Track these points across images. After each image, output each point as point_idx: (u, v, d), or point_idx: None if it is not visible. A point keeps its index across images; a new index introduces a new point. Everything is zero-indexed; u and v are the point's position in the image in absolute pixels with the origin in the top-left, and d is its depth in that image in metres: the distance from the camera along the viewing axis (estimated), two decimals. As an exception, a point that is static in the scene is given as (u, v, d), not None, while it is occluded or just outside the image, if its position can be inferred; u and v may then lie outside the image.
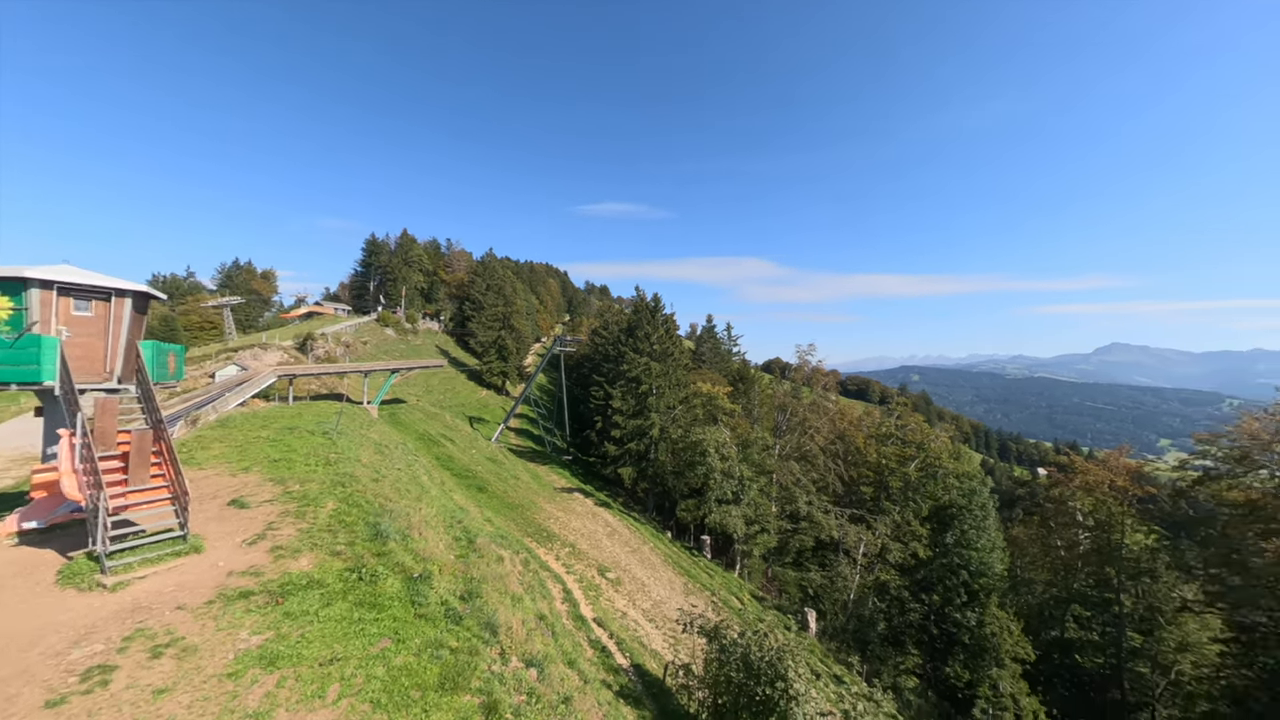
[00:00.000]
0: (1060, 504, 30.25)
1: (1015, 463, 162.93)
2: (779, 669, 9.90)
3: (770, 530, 30.84)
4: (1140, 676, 27.00)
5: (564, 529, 26.91)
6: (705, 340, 69.03)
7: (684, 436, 31.97)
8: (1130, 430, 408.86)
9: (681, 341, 49.89)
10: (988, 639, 24.72)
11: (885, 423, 34.54)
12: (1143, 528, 28.71)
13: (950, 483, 32.94)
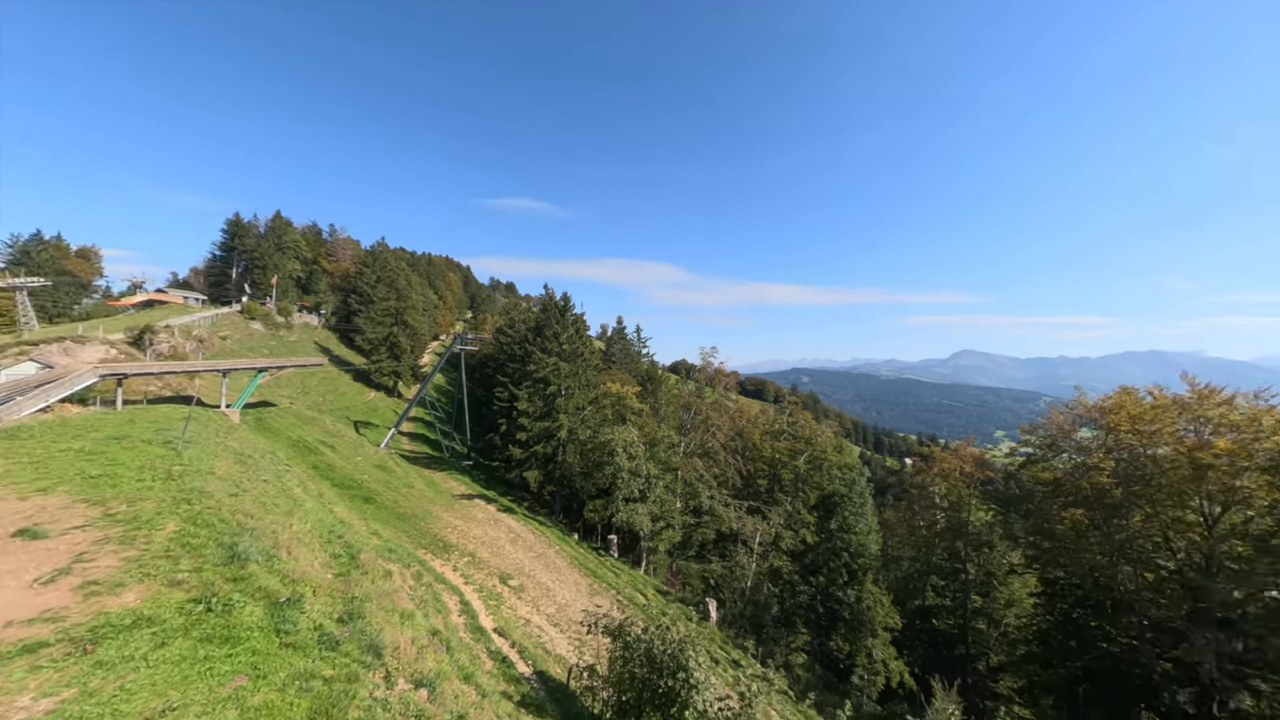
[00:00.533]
0: (922, 489, 34.72)
1: (887, 454, 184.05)
2: (681, 660, 10.13)
3: (675, 525, 31.69)
4: (980, 632, 31.77)
5: (463, 538, 25.45)
6: (615, 341, 69.47)
7: (593, 437, 31.81)
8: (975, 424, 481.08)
9: (592, 342, 49.73)
10: (864, 613, 27.55)
11: (779, 420, 37.22)
12: (984, 506, 33.77)
13: (834, 474, 36.16)
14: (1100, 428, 28.48)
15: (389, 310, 63.71)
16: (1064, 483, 28.83)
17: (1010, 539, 32.12)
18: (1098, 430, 28.78)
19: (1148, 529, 26.21)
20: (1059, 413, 30.68)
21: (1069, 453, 30.00)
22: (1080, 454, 28.95)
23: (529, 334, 44.90)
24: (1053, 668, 27.87)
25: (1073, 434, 29.64)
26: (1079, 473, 28.65)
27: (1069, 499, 28.09)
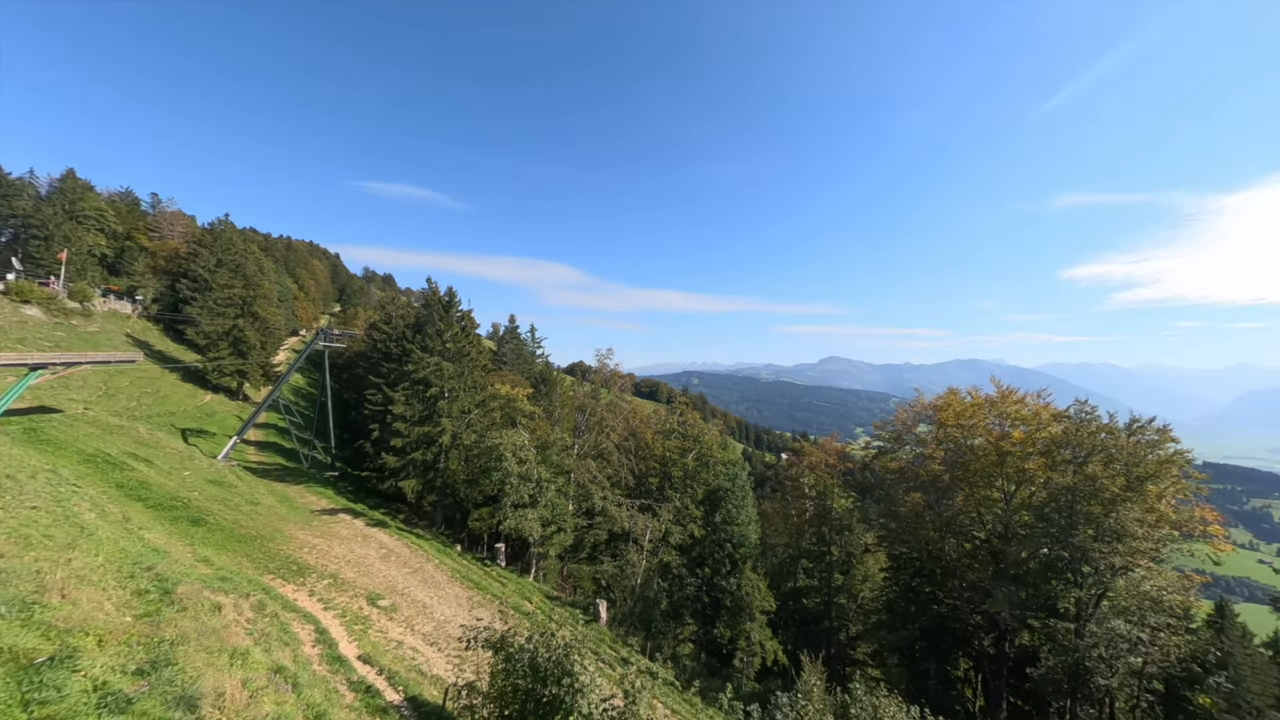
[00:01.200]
0: (795, 481, 38.14)
1: (766, 450, 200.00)
2: (566, 665, 9.80)
3: (567, 529, 31.10)
4: (841, 606, 35.58)
5: (323, 558, 22.46)
6: (508, 341, 66.64)
7: (479, 442, 30.01)
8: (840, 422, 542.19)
9: (481, 341, 47.19)
10: (743, 599, 29.40)
11: (670, 420, 38.49)
12: (845, 494, 37.94)
13: (719, 469, 38.15)
14: (934, 423, 33.49)
15: (233, 299, 54.56)
16: (906, 471, 33.45)
17: (865, 522, 36.47)
18: (932, 425, 33.81)
19: (966, 507, 31.31)
20: (903, 411, 35.56)
21: (910, 445, 34.90)
22: (919, 446, 33.82)
23: (408, 331, 41.22)
24: (897, 631, 32.13)
25: (913, 429, 34.54)
26: (918, 462, 33.48)
27: (910, 484, 32.64)
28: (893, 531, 32.86)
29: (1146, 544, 27.30)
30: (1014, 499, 30.49)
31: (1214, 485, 32.21)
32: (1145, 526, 26.91)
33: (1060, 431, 29.39)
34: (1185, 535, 27.65)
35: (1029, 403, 31.69)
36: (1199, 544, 28.02)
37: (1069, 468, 28.29)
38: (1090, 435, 28.64)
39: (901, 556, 32.96)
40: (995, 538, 30.14)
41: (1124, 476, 27.11)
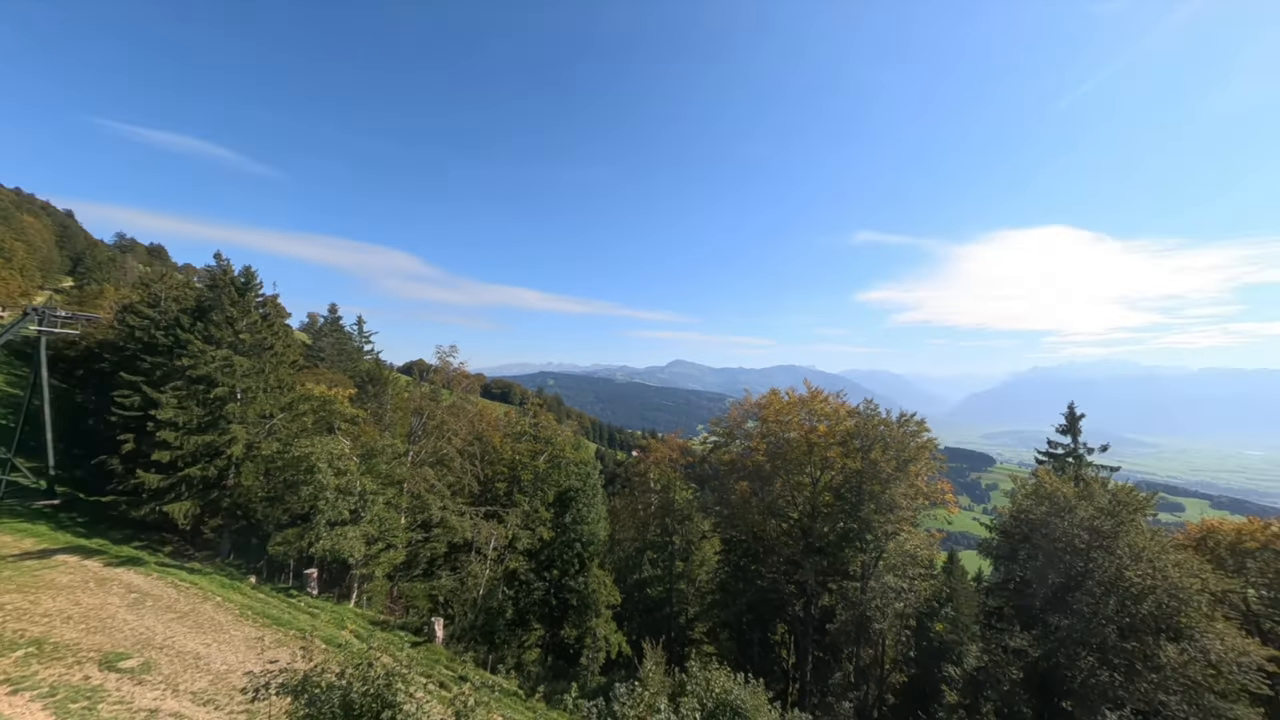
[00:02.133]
0: (642, 476, 39.79)
1: (619, 449, 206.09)
2: (387, 697, 8.63)
3: (398, 544, 27.88)
4: (681, 591, 37.99)
5: (24, 619, 16.63)
6: (328, 334, 57.56)
7: (284, 451, 25.22)
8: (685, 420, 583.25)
9: (291, 334, 39.93)
10: (590, 596, 29.57)
11: (520, 422, 37.14)
12: (686, 486, 40.65)
13: (571, 469, 37.91)
14: (759, 419, 37.73)
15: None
16: (737, 462, 37.12)
17: (703, 510, 39.52)
18: (758, 421, 38.06)
19: (783, 491, 35.83)
20: (735, 409, 39.44)
21: (740, 439, 38.84)
22: (747, 440, 37.80)
23: (185, 317, 32.89)
24: (728, 608, 35.42)
25: (743, 425, 38.52)
26: (746, 454, 37.41)
27: (740, 474, 36.29)
28: (725, 518, 36.23)
29: (908, 512, 34.32)
30: (819, 483, 35.82)
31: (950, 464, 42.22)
32: (908, 499, 33.80)
33: (853, 425, 35.30)
34: (932, 503, 35.33)
35: (831, 401, 37.52)
36: (940, 509, 36.11)
37: (859, 455, 34.16)
38: (874, 427, 34.96)
39: (732, 540, 36.51)
40: (805, 517, 35.07)
41: (895, 460, 33.68)
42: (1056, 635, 26.24)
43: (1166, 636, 24.16)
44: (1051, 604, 27.25)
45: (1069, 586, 26.65)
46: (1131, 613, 24.68)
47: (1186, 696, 23.47)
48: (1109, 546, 25.59)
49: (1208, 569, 26.40)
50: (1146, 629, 24.46)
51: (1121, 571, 24.93)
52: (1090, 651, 24.98)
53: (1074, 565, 26.47)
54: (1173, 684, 23.53)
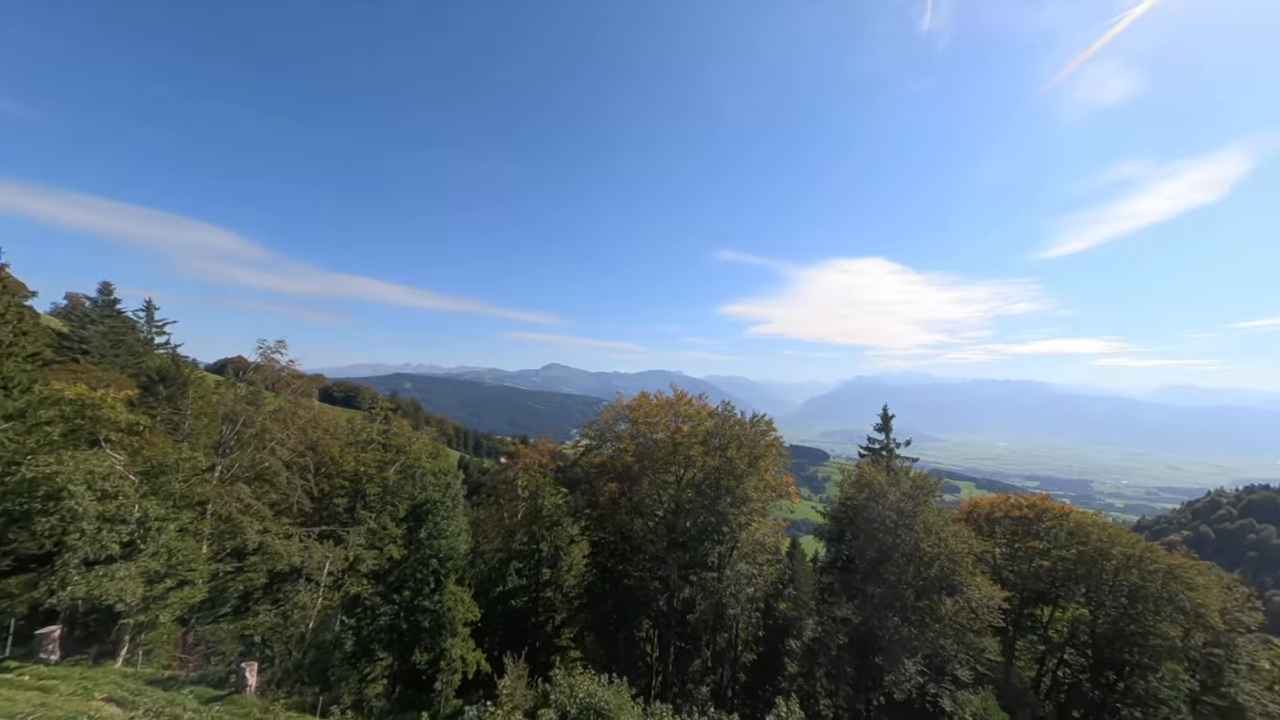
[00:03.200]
0: (510, 483, 38.01)
1: (486, 456, 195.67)
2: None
3: (197, 579, 22.78)
4: (548, 599, 37.02)
5: None
6: (97, 321, 45.30)
7: (10, 472, 19.05)
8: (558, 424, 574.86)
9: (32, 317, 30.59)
10: (445, 615, 27.27)
11: (367, 429, 33.03)
12: (556, 491, 39.78)
13: (428, 480, 34.76)
14: (630, 421, 38.47)
15: None
16: (607, 464, 37.39)
17: (573, 515, 39.05)
18: (629, 423, 38.77)
19: (650, 490, 36.91)
20: (607, 411, 39.72)
21: (611, 441, 39.23)
22: (618, 441, 38.31)
23: None
24: (595, 610, 35.40)
25: (614, 427, 38.96)
26: (616, 455, 37.88)
27: (610, 476, 36.59)
28: (595, 520, 36.24)
29: (759, 504, 37.67)
30: (683, 480, 37.62)
31: (793, 460, 47.55)
32: (758, 492, 37.10)
33: (713, 425, 37.73)
34: (779, 495, 39.21)
35: (694, 404, 39.70)
36: (785, 500, 40.26)
37: (717, 453, 36.57)
38: (730, 427, 37.72)
39: (601, 542, 36.65)
40: (669, 514, 36.55)
41: (749, 456, 36.73)
42: (871, 602, 30.77)
43: (946, 593, 29.77)
44: (868, 576, 31.93)
45: (881, 560, 31.46)
46: (924, 576, 29.94)
47: (957, 638, 29.19)
48: (910, 524, 30.75)
49: (972, 535, 33.25)
50: (934, 589, 29.87)
51: (918, 544, 30.12)
52: (895, 613, 29.72)
53: (885, 541, 31.32)
54: (948, 630, 29.07)
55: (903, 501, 31.28)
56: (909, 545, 30.39)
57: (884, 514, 31.27)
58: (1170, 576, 33.17)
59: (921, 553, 29.97)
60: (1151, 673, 33.13)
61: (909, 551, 30.40)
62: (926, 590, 29.96)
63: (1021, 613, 38.69)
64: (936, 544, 29.92)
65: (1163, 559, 34.39)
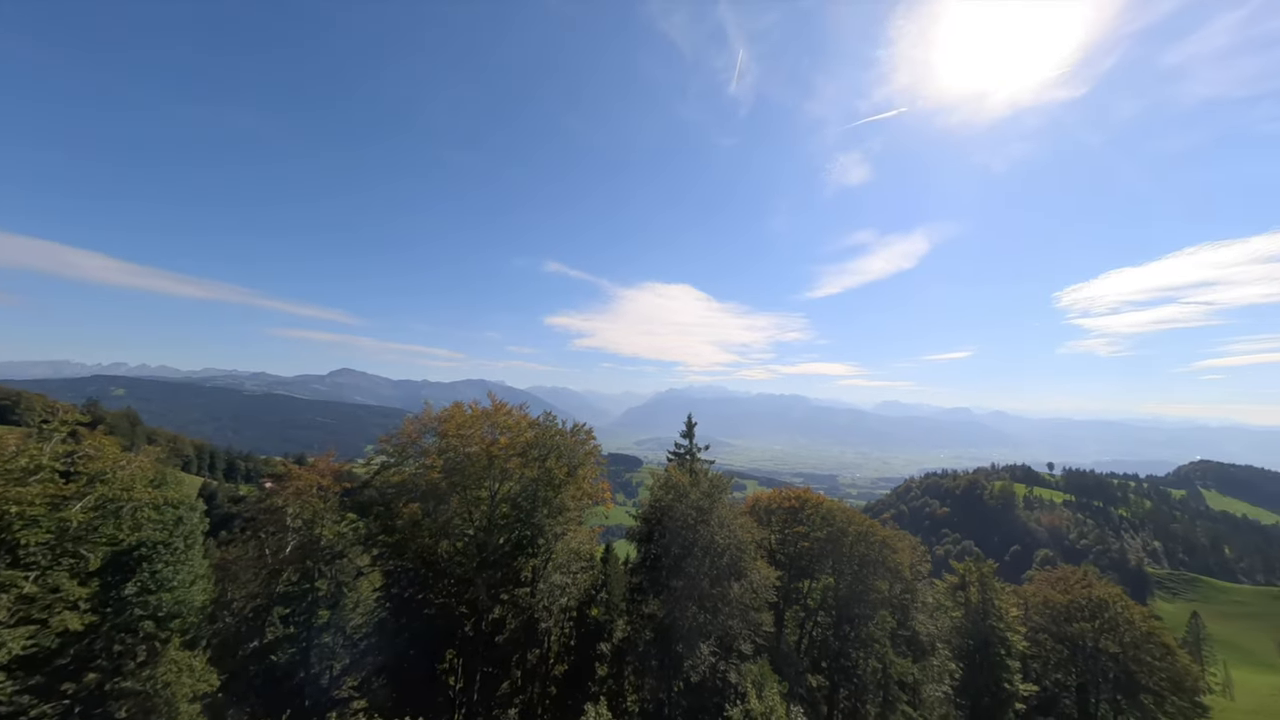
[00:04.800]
0: (275, 512, 30.75)
1: (243, 481, 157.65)
2: None
3: None
4: (325, 646, 30.87)
5: None
6: None
7: None
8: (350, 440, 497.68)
9: None
10: (158, 695, 20.53)
11: (32, 451, 22.99)
12: (340, 517, 33.71)
13: (145, 516, 26.19)
14: (439, 434, 34.95)
15: None
16: (409, 483, 33.24)
17: (362, 543, 33.58)
18: (437, 436, 35.18)
19: (460, 508, 33.97)
20: (410, 424, 35.43)
21: (415, 457, 35.07)
22: (423, 457, 34.39)
23: None
24: (386, 649, 30.77)
25: (419, 440, 34.91)
26: (421, 473, 33.93)
27: (411, 496, 32.55)
28: (389, 546, 31.71)
29: (576, 513, 37.74)
30: (498, 495, 35.61)
31: (610, 467, 49.23)
32: (576, 500, 37.18)
33: (533, 436, 36.68)
34: (595, 502, 39.90)
35: (514, 414, 38.14)
36: (601, 507, 41.15)
37: (536, 463, 35.61)
38: (551, 437, 37.17)
39: (397, 571, 32.19)
40: (481, 531, 34.13)
41: (568, 466, 36.59)
42: (674, 595, 33.21)
43: (734, 578, 33.81)
44: (672, 571, 34.42)
45: (683, 555, 34.26)
46: (717, 566, 33.51)
47: (742, 617, 33.31)
48: (707, 520, 34.17)
49: (755, 525, 38.61)
50: (725, 576, 33.63)
51: (713, 537, 33.62)
52: (694, 602, 32.56)
53: (687, 537, 34.21)
54: (735, 611, 33.01)
55: (702, 500, 34.65)
56: (706, 539, 33.74)
57: (686, 512, 34.17)
58: (884, 545, 43.43)
59: (716, 545, 33.53)
60: (870, 620, 42.69)
61: (706, 545, 33.74)
62: (719, 578, 33.58)
63: (790, 587, 46.22)
64: (728, 536, 33.82)
65: (879, 532, 44.85)
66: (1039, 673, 54.78)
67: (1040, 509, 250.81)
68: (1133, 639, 53.05)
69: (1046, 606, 57.48)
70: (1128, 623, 53.81)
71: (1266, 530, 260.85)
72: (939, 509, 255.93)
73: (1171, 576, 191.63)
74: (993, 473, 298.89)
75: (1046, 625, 56.29)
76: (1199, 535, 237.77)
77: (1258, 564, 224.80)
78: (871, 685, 41.56)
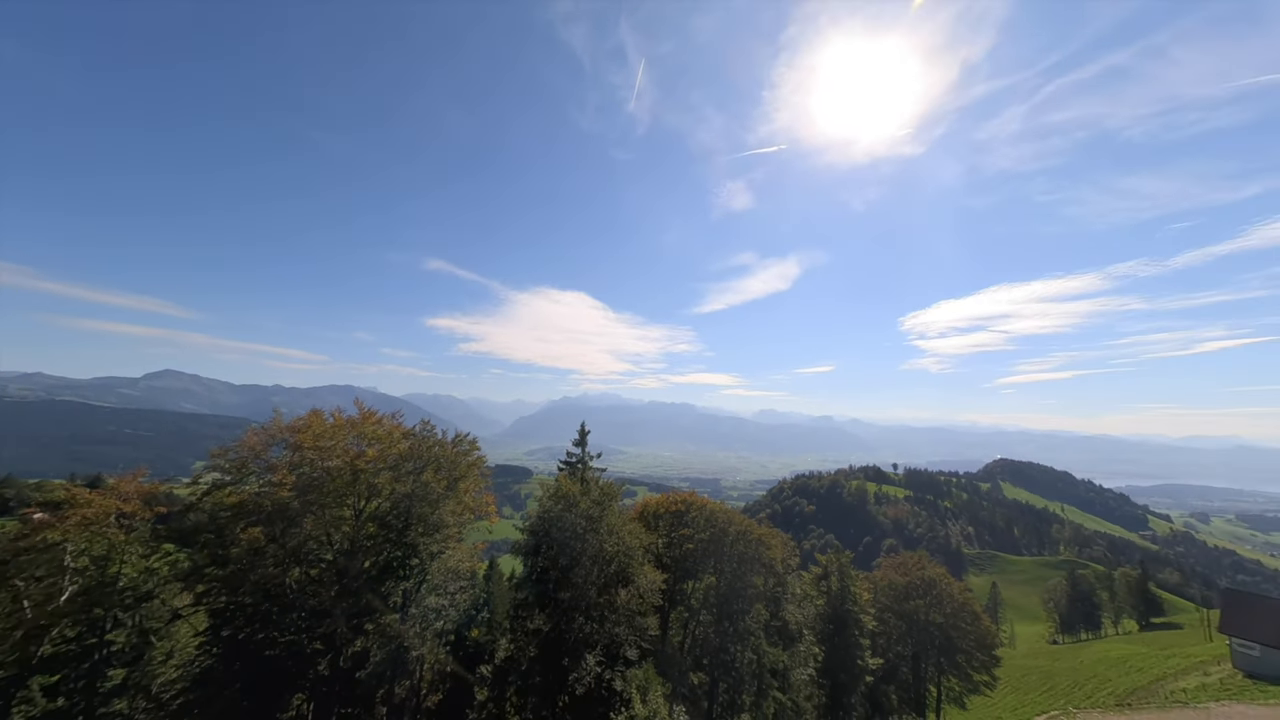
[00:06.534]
0: (45, 551, 23.94)
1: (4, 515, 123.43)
2: None
3: None
4: (117, 714, 24.74)
5: None
6: None
7: None
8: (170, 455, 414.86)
9: None
10: None
11: None
12: (150, 549, 27.56)
13: None
14: (291, 446, 30.38)
15: None
16: (249, 504, 28.35)
17: (183, 578, 27.81)
18: (289, 449, 30.55)
19: (316, 531, 29.80)
20: (254, 435, 30.39)
21: (259, 473, 30.09)
22: (270, 473, 29.60)
23: None
24: (212, 704, 25.59)
25: (264, 454, 30.00)
26: (266, 491, 29.11)
27: (252, 519, 27.77)
28: (220, 580, 26.54)
29: (455, 529, 35.13)
30: (364, 513, 31.90)
31: (496, 479, 46.70)
32: (455, 516, 34.62)
33: (408, 447, 33.57)
34: (478, 516, 37.54)
35: (386, 423, 34.63)
36: (484, 521, 38.81)
37: (410, 477, 32.57)
38: (428, 449, 34.33)
39: (229, 608, 27.03)
40: (342, 555, 30.25)
41: (448, 479, 33.99)
42: (561, 607, 32.25)
43: (621, 585, 33.80)
44: (560, 583, 33.44)
45: (572, 565, 33.47)
46: (606, 574, 33.26)
47: (628, 623, 33.33)
48: (596, 528, 33.82)
49: (643, 530, 39.10)
50: (613, 583, 33.47)
51: (602, 545, 33.33)
52: (581, 613, 31.90)
53: (576, 547, 33.51)
54: (622, 618, 32.94)
55: (592, 508, 34.26)
56: (595, 548, 33.36)
57: (576, 521, 33.53)
58: (760, 542, 46.52)
59: (605, 553, 33.29)
60: (747, 614, 45.36)
61: (595, 553, 33.34)
62: (607, 586, 33.34)
63: (675, 589, 47.50)
64: (617, 543, 33.78)
65: (756, 531, 47.99)
66: (884, 647, 62.52)
67: (887, 504, 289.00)
68: (953, 610, 62.94)
69: (891, 588, 66.01)
70: (949, 597, 63.76)
71: (1040, 513, 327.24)
72: (807, 507, 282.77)
73: (980, 555, 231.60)
74: (850, 473, 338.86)
75: (891, 604, 64.58)
76: (998, 520, 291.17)
77: (1034, 540, 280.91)
78: (747, 676, 44.04)
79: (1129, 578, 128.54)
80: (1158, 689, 47.88)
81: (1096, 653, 79.81)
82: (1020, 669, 77.52)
